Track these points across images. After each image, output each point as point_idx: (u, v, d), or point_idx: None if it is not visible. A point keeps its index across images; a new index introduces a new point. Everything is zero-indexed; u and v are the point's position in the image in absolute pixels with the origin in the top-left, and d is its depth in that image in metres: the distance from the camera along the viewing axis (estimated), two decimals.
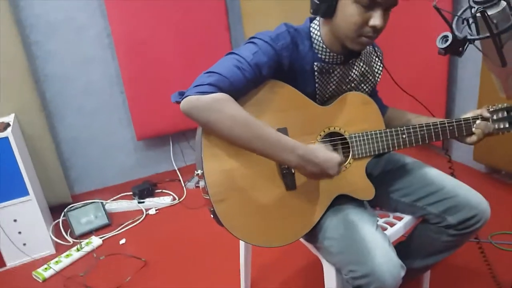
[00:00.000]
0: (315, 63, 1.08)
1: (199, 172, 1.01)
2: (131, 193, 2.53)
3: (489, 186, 2.29)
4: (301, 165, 0.97)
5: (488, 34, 0.77)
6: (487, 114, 1.20)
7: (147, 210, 2.38)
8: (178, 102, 0.98)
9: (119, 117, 2.69)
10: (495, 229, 1.87)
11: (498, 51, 0.79)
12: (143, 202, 2.43)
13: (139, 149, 2.81)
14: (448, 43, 0.83)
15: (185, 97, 0.96)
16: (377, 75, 1.23)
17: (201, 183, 1.02)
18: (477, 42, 0.86)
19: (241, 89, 0.99)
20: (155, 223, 2.28)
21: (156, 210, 2.38)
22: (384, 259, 0.97)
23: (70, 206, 2.35)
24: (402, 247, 1.33)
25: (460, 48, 0.84)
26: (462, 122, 1.18)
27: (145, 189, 2.48)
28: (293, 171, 1.06)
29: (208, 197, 1.00)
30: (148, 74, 2.56)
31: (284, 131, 1.06)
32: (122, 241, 2.11)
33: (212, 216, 1.03)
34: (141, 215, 2.34)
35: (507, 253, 1.74)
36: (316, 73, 1.09)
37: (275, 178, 1.05)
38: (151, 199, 2.47)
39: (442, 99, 2.50)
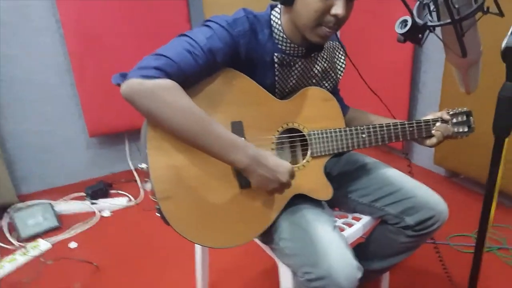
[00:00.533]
0: (275, 54, 1.03)
1: (144, 166, 0.94)
2: (83, 193, 2.40)
3: (448, 190, 2.33)
4: (251, 167, 0.91)
5: (449, 20, 0.74)
6: (447, 117, 1.20)
7: (100, 211, 2.26)
8: (119, 85, 0.90)
9: (70, 112, 2.53)
10: (453, 231, 1.89)
11: (458, 39, 0.76)
12: (97, 203, 2.31)
13: (92, 147, 2.67)
14: (407, 28, 0.80)
15: (127, 79, 0.88)
16: (339, 72, 1.19)
17: (147, 185, 0.94)
18: (438, 31, 0.84)
19: (192, 76, 0.92)
20: (109, 226, 2.16)
21: (110, 212, 2.26)
22: (340, 260, 0.93)
23: (16, 206, 2.20)
24: (361, 249, 1.31)
25: (420, 35, 0.81)
26: (422, 123, 1.17)
27: (99, 190, 2.36)
28: None
29: (154, 196, 0.92)
30: (102, 66, 2.42)
31: (239, 125, 1.00)
32: (73, 244, 1.98)
33: (158, 214, 0.95)
34: (94, 217, 2.21)
35: (464, 254, 1.75)
36: (276, 65, 1.04)
37: (228, 175, 0.99)
38: (105, 200, 2.35)
39: (405, 103, 2.53)
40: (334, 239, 0.98)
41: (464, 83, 1.02)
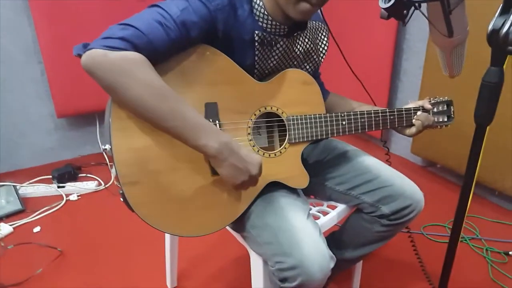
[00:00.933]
0: (256, 32, 0.96)
1: (107, 147, 0.87)
2: (50, 176, 2.29)
3: (424, 179, 2.34)
4: (223, 155, 0.85)
5: None
6: (428, 106, 1.17)
7: (67, 195, 2.17)
8: (80, 56, 0.81)
9: (37, 91, 2.40)
10: (427, 221, 1.90)
11: (445, 17, 0.72)
12: (64, 186, 2.22)
13: (60, 128, 2.55)
14: (392, 2, 0.74)
15: (89, 49, 0.80)
16: (321, 54, 1.14)
17: (113, 170, 0.87)
18: (424, 8, 0.79)
19: (162, 51, 0.85)
20: (76, 210, 2.07)
21: (78, 195, 2.17)
22: (313, 250, 0.90)
23: None
24: (335, 237, 1.29)
25: (405, 11, 0.76)
26: (403, 112, 1.14)
27: (66, 173, 2.26)
28: None
29: (118, 180, 0.86)
30: (71, 43, 2.28)
31: (213, 106, 0.94)
32: (37, 229, 1.90)
33: (122, 200, 0.89)
34: (60, 201, 2.12)
35: (438, 244, 1.76)
36: (256, 44, 0.97)
37: (200, 160, 0.93)
38: (73, 183, 2.25)
39: (385, 91, 2.51)
40: (307, 228, 0.94)
41: (448, 66, 0.98)
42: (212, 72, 0.94)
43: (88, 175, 2.39)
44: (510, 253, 1.66)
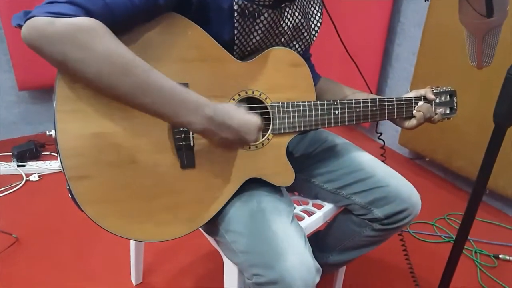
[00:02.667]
0: (235, 0, 0.80)
1: (52, 133, 0.70)
2: (10, 153, 2.09)
3: (410, 172, 2.24)
4: (210, 130, 0.71)
5: None
6: (431, 96, 1.04)
7: (28, 175, 1.98)
8: (20, 26, 0.65)
9: None
10: (414, 219, 1.79)
11: None
12: (24, 165, 2.03)
13: (22, 102, 2.33)
14: None
15: (30, 18, 0.63)
16: (313, 32, 0.99)
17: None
18: None
19: (123, 19, 0.68)
20: (36, 192, 1.89)
21: (39, 176, 1.99)
22: (297, 262, 0.77)
23: None
24: (318, 239, 1.17)
25: None
26: (403, 102, 1.01)
27: (28, 150, 2.06)
28: (192, 144, 0.79)
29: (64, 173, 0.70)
30: (36, 4, 2.06)
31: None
32: None
33: (70, 196, 0.73)
34: (19, 181, 1.94)
35: (424, 244, 1.67)
36: (236, 15, 0.81)
37: (167, 150, 0.77)
38: (34, 162, 2.06)
39: (375, 77, 2.37)
40: (291, 235, 0.81)
41: (477, 54, 0.83)
42: (184, 47, 0.78)
43: (52, 153, 2.20)
44: (500, 256, 1.57)
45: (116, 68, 0.64)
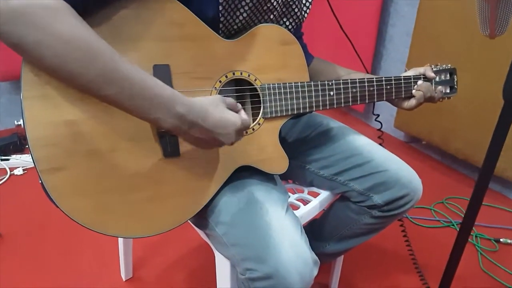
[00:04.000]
0: None
1: (21, 122, 0.64)
2: None
3: (406, 156, 2.19)
4: (179, 129, 0.65)
5: None
6: (431, 74, 0.98)
7: (12, 169, 1.92)
8: None
9: None
10: None
11: None
12: (8, 159, 1.96)
13: (4, 93, 2.26)
14: None
15: None
16: (304, 8, 0.92)
17: None
18: None
19: None
20: (21, 187, 1.83)
21: (23, 170, 1.92)
22: (293, 254, 0.72)
23: None
24: (315, 227, 1.12)
25: None
26: (402, 81, 0.95)
27: (11, 143, 2.00)
28: None
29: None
30: None
31: (164, 70, 0.71)
32: None
33: (44, 191, 0.67)
34: (4, 176, 1.87)
35: (422, 229, 1.62)
36: None
37: (148, 137, 0.71)
38: (18, 156, 1.99)
39: (368, 59, 2.31)
40: (286, 226, 0.76)
41: (491, 22, 0.76)
42: (163, 25, 0.70)
43: None
44: (501, 240, 1.54)
45: (78, 54, 0.57)
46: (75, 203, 0.67)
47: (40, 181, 0.65)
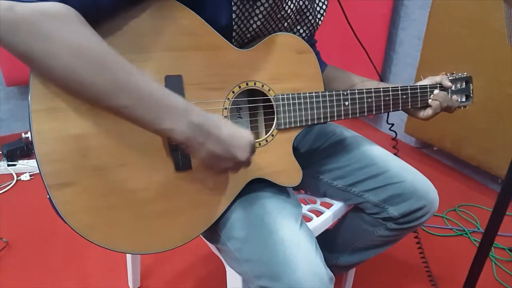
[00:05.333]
0: None
1: (29, 135, 0.63)
2: None
3: (417, 162, 2.15)
4: (196, 140, 0.62)
5: None
6: (448, 83, 0.96)
7: (19, 175, 1.90)
8: None
9: None
10: None
11: None
12: (15, 165, 1.95)
13: (11, 98, 2.24)
14: None
15: None
16: (319, 15, 0.89)
17: None
18: None
19: (104, 5, 0.59)
20: (28, 192, 1.81)
21: (30, 175, 1.91)
22: (308, 271, 0.69)
23: None
24: (327, 239, 1.09)
25: None
26: (418, 90, 0.93)
27: (18, 149, 1.99)
28: None
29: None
30: None
31: (176, 81, 0.69)
32: None
33: (52, 207, 0.65)
34: (10, 181, 1.86)
35: (434, 237, 1.59)
36: None
37: (159, 151, 0.69)
38: (25, 161, 1.98)
39: (378, 64, 2.28)
40: (300, 241, 0.73)
41: None
42: (176, 34, 0.68)
43: None
44: None
45: (88, 64, 0.55)
46: (84, 220, 0.65)
47: (48, 197, 0.63)
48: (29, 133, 0.63)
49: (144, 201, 0.68)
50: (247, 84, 0.76)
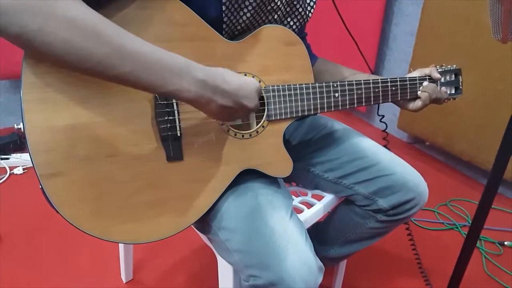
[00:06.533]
0: None
1: (21, 126, 0.62)
2: None
3: (409, 157, 2.16)
4: (204, 97, 0.62)
5: None
6: (437, 75, 0.97)
7: (12, 168, 1.90)
8: None
9: None
10: None
11: None
12: (8, 158, 1.94)
13: (4, 91, 2.24)
14: None
15: None
16: (309, 7, 0.90)
17: None
18: None
19: None
20: (20, 186, 1.82)
21: (24, 169, 1.91)
22: (297, 261, 0.70)
23: None
24: (318, 231, 1.10)
25: None
26: (408, 82, 0.94)
27: (11, 142, 1.97)
28: (178, 134, 0.71)
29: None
30: None
31: None
32: None
33: (44, 197, 0.65)
34: (3, 175, 1.86)
35: (426, 231, 1.61)
36: None
37: (150, 141, 0.69)
38: (18, 154, 1.98)
39: (372, 59, 2.29)
40: (290, 231, 0.74)
41: (504, 25, 0.75)
42: (166, 25, 0.69)
43: None
44: (505, 243, 1.52)
45: (85, 35, 0.54)
46: (75, 209, 0.65)
47: (40, 186, 0.63)
48: (21, 124, 0.63)
49: (134, 191, 0.69)
50: None
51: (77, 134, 0.63)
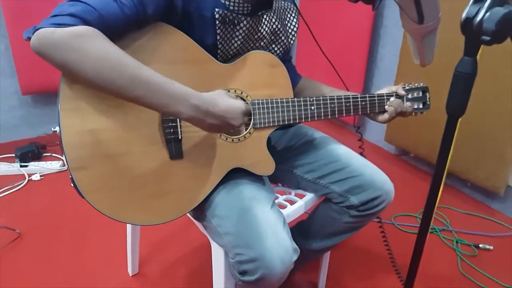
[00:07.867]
0: (216, 9, 0.90)
1: (57, 129, 0.80)
2: (13, 155, 2.18)
3: (397, 168, 2.33)
4: (197, 118, 0.80)
5: None
6: (402, 92, 1.13)
7: (30, 175, 2.07)
8: (30, 39, 0.75)
9: (2, 67, 2.29)
10: (398, 211, 1.89)
11: (415, 2, 0.66)
12: (27, 166, 2.12)
13: (25, 105, 2.43)
14: None
15: (37, 30, 0.72)
16: (290, 36, 1.08)
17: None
18: None
19: (116, 27, 0.78)
20: (38, 191, 1.99)
21: (41, 175, 2.08)
22: (275, 242, 0.86)
23: None
24: (303, 227, 1.25)
25: None
26: (376, 98, 1.10)
27: (30, 152, 2.16)
28: (180, 137, 0.88)
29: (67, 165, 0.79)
30: (38, 16, 2.14)
31: None
32: None
33: (72, 185, 0.82)
34: (22, 181, 2.03)
35: (408, 235, 1.75)
36: (217, 22, 0.91)
37: (157, 143, 0.87)
38: (36, 163, 2.15)
39: (361, 76, 2.46)
40: (270, 218, 0.90)
41: (420, 53, 0.94)
42: (171, 50, 0.87)
43: (53, 154, 2.29)
44: (480, 246, 1.65)
45: (109, 67, 0.73)
46: (96, 196, 0.82)
47: (70, 176, 0.80)
48: (57, 127, 0.80)
49: (143, 183, 0.86)
50: (228, 91, 0.94)
51: (100, 136, 0.81)
